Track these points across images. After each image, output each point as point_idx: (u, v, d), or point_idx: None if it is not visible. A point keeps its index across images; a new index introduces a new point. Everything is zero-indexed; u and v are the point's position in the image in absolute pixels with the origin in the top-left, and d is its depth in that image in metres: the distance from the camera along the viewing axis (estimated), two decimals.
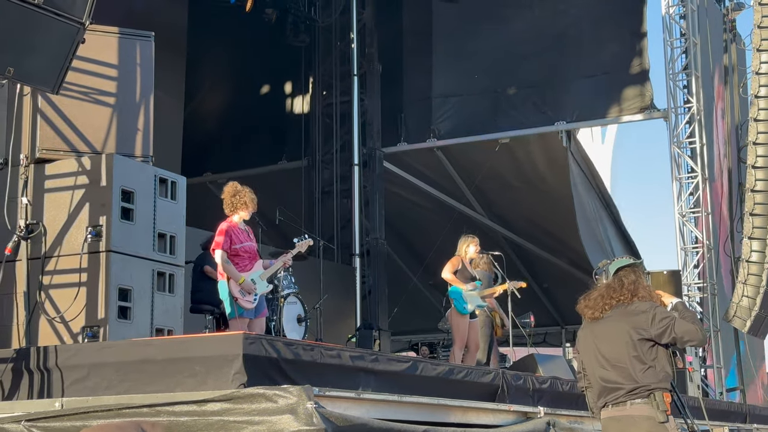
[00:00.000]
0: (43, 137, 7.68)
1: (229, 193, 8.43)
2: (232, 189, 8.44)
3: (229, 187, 8.48)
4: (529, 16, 16.31)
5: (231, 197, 8.39)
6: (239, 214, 8.37)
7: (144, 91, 8.19)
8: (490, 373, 7.69)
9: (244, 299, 8.20)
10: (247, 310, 8.24)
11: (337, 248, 16.59)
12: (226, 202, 8.40)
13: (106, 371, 5.77)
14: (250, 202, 8.38)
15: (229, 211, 8.38)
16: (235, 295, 8.18)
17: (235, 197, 8.37)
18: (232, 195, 8.40)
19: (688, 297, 14.50)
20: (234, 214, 8.37)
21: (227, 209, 8.39)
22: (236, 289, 8.19)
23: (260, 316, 8.51)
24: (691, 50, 15.06)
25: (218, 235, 8.25)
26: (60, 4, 6.26)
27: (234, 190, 8.42)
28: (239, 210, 8.36)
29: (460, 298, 10.03)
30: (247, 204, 8.36)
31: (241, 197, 8.36)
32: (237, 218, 8.37)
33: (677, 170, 15.00)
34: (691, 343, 5.29)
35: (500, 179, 17.54)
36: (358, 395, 5.80)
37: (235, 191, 8.41)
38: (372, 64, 17.13)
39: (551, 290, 19.50)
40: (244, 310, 8.23)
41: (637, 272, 5.39)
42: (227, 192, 8.44)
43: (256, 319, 8.40)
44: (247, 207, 8.38)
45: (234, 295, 8.18)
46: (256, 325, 8.40)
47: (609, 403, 5.18)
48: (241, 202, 8.34)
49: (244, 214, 8.40)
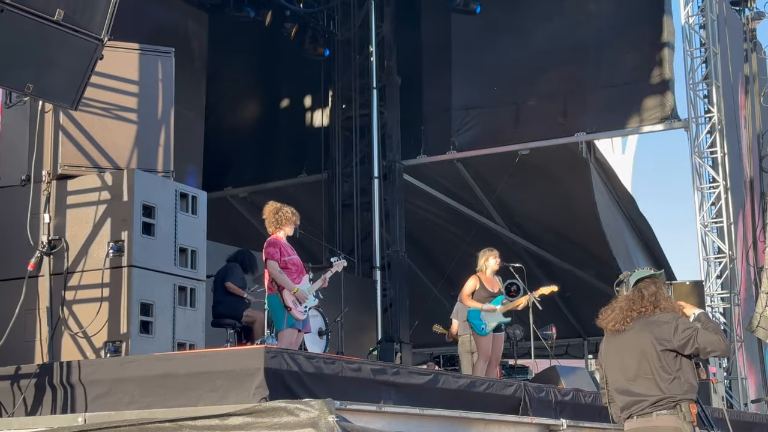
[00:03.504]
0: (65, 153, 7.73)
1: (271, 212, 8.57)
2: (274, 207, 8.58)
3: (269, 207, 8.61)
4: (549, 28, 16.29)
5: (274, 215, 8.53)
6: (284, 230, 8.49)
7: (165, 107, 8.24)
8: (512, 385, 7.67)
9: (296, 310, 8.27)
10: (298, 320, 8.32)
11: (357, 261, 16.59)
12: (269, 221, 8.54)
13: (129, 386, 5.79)
14: (290, 217, 8.50)
15: (274, 229, 8.52)
16: (288, 305, 8.25)
17: (278, 214, 8.51)
18: (274, 213, 8.53)
19: (711, 307, 14.40)
20: (279, 230, 8.48)
21: (271, 227, 8.54)
22: (290, 299, 8.26)
23: (305, 330, 8.59)
24: (711, 60, 15.00)
25: (270, 247, 8.36)
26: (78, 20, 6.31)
27: (275, 208, 8.55)
28: (284, 226, 8.51)
29: (478, 319, 10.02)
30: (288, 220, 8.49)
31: (284, 214, 8.51)
32: (282, 234, 8.48)
33: (699, 180, 14.91)
34: (714, 354, 5.26)
35: (520, 191, 17.49)
36: (380, 408, 5.79)
37: (277, 209, 8.54)
38: (391, 77, 17.16)
39: (573, 302, 19.40)
40: (295, 321, 8.30)
41: (657, 283, 5.37)
42: (269, 211, 8.59)
43: (302, 332, 8.50)
44: (290, 222, 8.50)
45: (287, 305, 8.25)
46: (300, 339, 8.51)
47: (634, 415, 5.15)
48: (285, 218, 8.50)
49: (288, 229, 8.53)
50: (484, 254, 10.31)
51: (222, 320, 10.25)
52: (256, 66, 18.53)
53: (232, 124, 18.52)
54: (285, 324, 8.27)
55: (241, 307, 10.16)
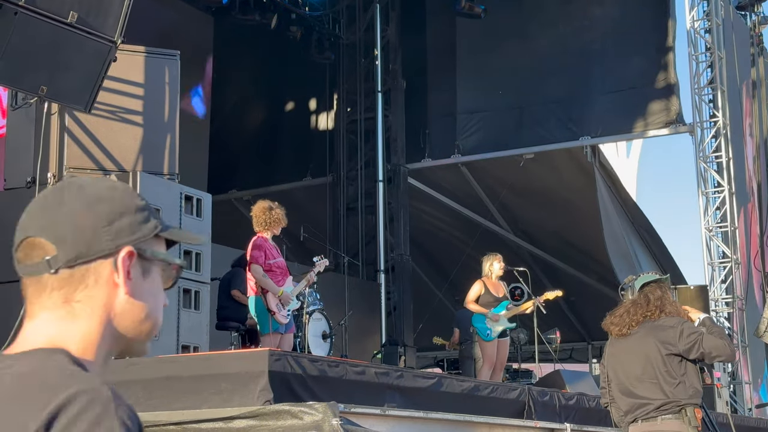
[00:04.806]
0: (70, 156, 7.75)
1: (260, 211, 8.48)
2: (264, 206, 8.50)
3: (260, 205, 8.53)
4: (554, 32, 16.29)
5: (263, 215, 8.44)
6: (272, 231, 8.43)
7: (170, 110, 8.25)
8: (516, 389, 7.66)
9: (280, 314, 8.25)
10: (282, 324, 8.30)
11: (361, 264, 16.59)
12: (257, 220, 8.44)
13: (133, 388, 5.79)
14: (282, 218, 8.45)
15: (261, 229, 8.43)
16: (272, 309, 8.22)
17: (266, 215, 8.43)
18: (263, 212, 8.45)
19: (715, 312, 14.38)
20: (266, 231, 8.42)
21: (259, 227, 8.43)
22: (274, 303, 8.23)
23: (289, 332, 8.56)
24: (716, 64, 14.98)
25: (255, 250, 8.30)
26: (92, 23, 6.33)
27: (265, 208, 8.48)
28: (272, 227, 8.42)
29: (483, 325, 10.01)
30: (279, 221, 8.43)
31: (273, 215, 8.42)
32: (269, 234, 8.42)
33: (703, 185, 14.90)
34: (719, 359, 5.26)
35: (525, 194, 17.50)
36: (384, 412, 5.79)
37: (267, 209, 8.46)
38: (396, 81, 17.17)
39: (577, 306, 19.40)
40: (279, 326, 8.28)
41: (663, 288, 5.37)
42: (258, 210, 8.49)
43: (285, 334, 8.46)
44: (279, 224, 8.45)
45: (271, 309, 8.21)
46: (285, 340, 8.45)
47: (639, 419, 5.14)
48: (273, 219, 8.40)
49: (276, 231, 8.47)
50: (488, 259, 10.30)
51: (226, 323, 10.26)
52: (261, 69, 18.55)
53: (237, 127, 18.54)
54: (270, 327, 8.24)
55: (246, 310, 10.16)
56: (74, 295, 1.46)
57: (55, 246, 1.45)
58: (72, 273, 1.46)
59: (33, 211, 1.50)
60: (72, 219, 1.46)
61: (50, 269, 1.46)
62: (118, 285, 1.47)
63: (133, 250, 1.48)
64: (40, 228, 1.47)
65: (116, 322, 1.48)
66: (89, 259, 1.46)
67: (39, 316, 1.49)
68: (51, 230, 1.46)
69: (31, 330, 1.48)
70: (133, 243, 1.48)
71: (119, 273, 1.47)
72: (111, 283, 1.47)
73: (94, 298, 1.46)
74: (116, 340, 1.49)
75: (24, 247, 1.48)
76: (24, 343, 1.46)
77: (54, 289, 1.47)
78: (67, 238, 1.45)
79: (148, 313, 1.51)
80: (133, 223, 1.49)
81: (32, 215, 1.49)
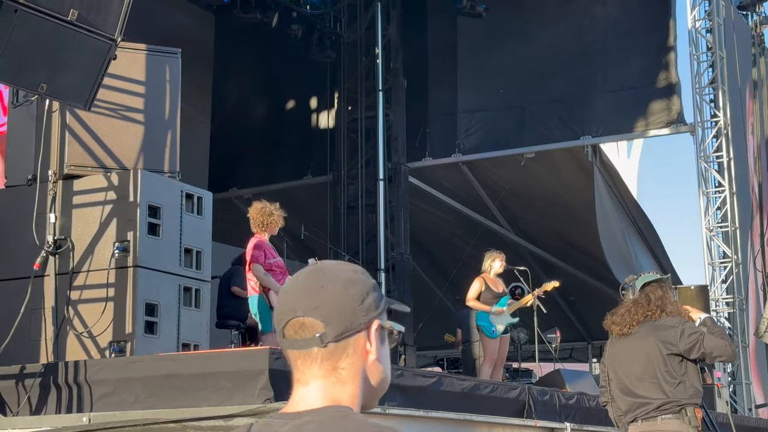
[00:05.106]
0: (71, 153, 7.74)
1: (256, 212, 8.43)
2: (262, 207, 8.45)
3: (256, 206, 8.49)
4: (554, 31, 16.28)
5: (259, 216, 8.40)
6: (269, 232, 8.40)
7: (171, 108, 8.24)
8: (516, 388, 7.66)
9: None
10: None
11: (362, 263, 16.57)
12: (255, 221, 8.40)
13: (133, 386, 5.79)
14: (279, 219, 8.41)
15: (259, 230, 8.39)
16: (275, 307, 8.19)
17: (264, 215, 8.39)
18: (261, 213, 8.41)
19: (716, 312, 14.38)
20: (264, 232, 8.38)
21: (257, 227, 8.40)
22: (276, 300, 8.21)
23: None
24: (717, 64, 14.98)
25: (255, 250, 8.28)
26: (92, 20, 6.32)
27: (263, 208, 8.43)
28: (269, 228, 8.38)
29: (488, 322, 10.00)
30: (277, 222, 8.40)
31: (271, 215, 8.38)
32: (266, 235, 8.40)
33: (704, 184, 14.89)
34: (720, 359, 5.26)
35: (526, 194, 17.49)
36: (384, 410, 5.79)
37: (267, 211, 8.41)
38: (397, 80, 17.16)
39: (577, 305, 19.39)
40: None
41: (664, 287, 5.37)
42: (256, 210, 8.44)
43: None
44: (276, 225, 8.42)
45: (273, 307, 8.19)
46: None
47: (639, 418, 5.14)
48: (271, 220, 8.37)
49: (273, 231, 8.44)
50: (490, 255, 10.29)
51: (226, 321, 10.25)
52: (262, 67, 18.54)
53: (238, 125, 18.53)
54: (272, 326, 8.23)
55: (246, 308, 10.16)
56: (339, 364, 1.79)
57: (324, 324, 1.77)
58: (337, 345, 1.78)
59: (296, 294, 1.81)
60: (335, 301, 1.78)
61: (322, 344, 1.78)
62: (369, 352, 1.80)
63: (380, 322, 1.80)
64: (309, 309, 1.77)
65: (367, 382, 1.82)
66: (351, 333, 1.78)
67: (312, 383, 1.83)
68: (318, 311, 1.77)
69: (307, 394, 1.84)
70: (378, 317, 1.82)
71: (371, 343, 1.80)
72: (364, 351, 1.80)
73: (354, 365, 1.80)
74: (366, 397, 1.83)
75: (293, 324, 1.80)
76: (302, 405, 1.82)
77: (323, 360, 1.79)
78: (333, 317, 1.77)
79: (386, 372, 1.84)
80: (375, 300, 1.83)
81: (296, 298, 1.80)
